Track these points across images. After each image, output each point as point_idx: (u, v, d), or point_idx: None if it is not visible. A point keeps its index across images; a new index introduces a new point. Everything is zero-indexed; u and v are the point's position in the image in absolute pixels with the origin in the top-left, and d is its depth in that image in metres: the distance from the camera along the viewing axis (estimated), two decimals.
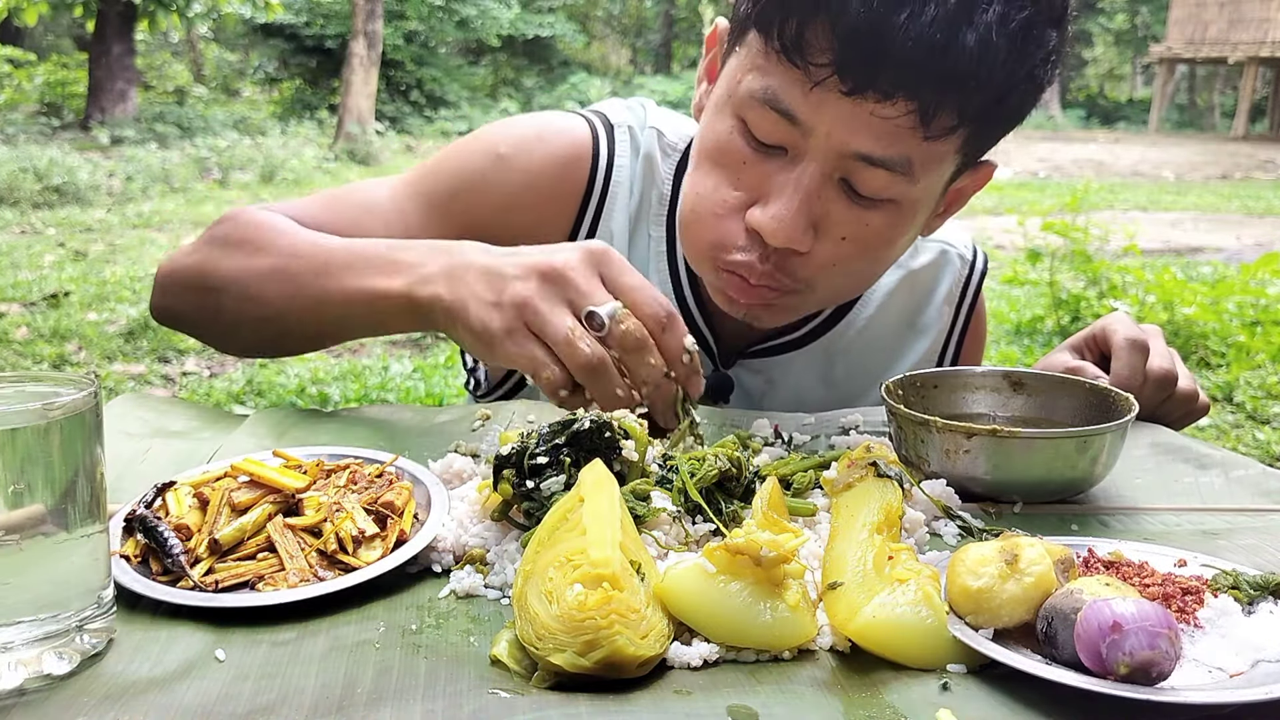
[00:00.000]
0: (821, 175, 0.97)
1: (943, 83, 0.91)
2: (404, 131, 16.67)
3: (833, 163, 0.97)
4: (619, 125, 1.24)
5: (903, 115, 0.92)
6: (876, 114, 0.93)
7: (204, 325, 1.16)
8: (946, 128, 0.94)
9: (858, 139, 0.94)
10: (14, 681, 0.60)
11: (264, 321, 1.08)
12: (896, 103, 0.92)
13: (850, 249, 1.02)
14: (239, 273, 1.08)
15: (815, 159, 0.97)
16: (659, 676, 0.63)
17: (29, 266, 6.28)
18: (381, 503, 0.78)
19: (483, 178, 1.20)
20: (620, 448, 0.84)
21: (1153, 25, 26.23)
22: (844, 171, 0.98)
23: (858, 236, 1.01)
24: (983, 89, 0.93)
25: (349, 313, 1.03)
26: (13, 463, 0.60)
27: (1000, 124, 1.01)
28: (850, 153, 0.95)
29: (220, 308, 1.10)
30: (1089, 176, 12.81)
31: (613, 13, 28.34)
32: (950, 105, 0.93)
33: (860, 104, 0.92)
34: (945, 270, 1.34)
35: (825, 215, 0.99)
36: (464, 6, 19.43)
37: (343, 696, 0.59)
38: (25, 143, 11.49)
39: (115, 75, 14.63)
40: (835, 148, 0.95)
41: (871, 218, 1.00)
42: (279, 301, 1.06)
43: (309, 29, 18.53)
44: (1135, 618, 0.58)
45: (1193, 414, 1.16)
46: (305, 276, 1.04)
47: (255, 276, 1.07)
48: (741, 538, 0.66)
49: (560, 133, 1.23)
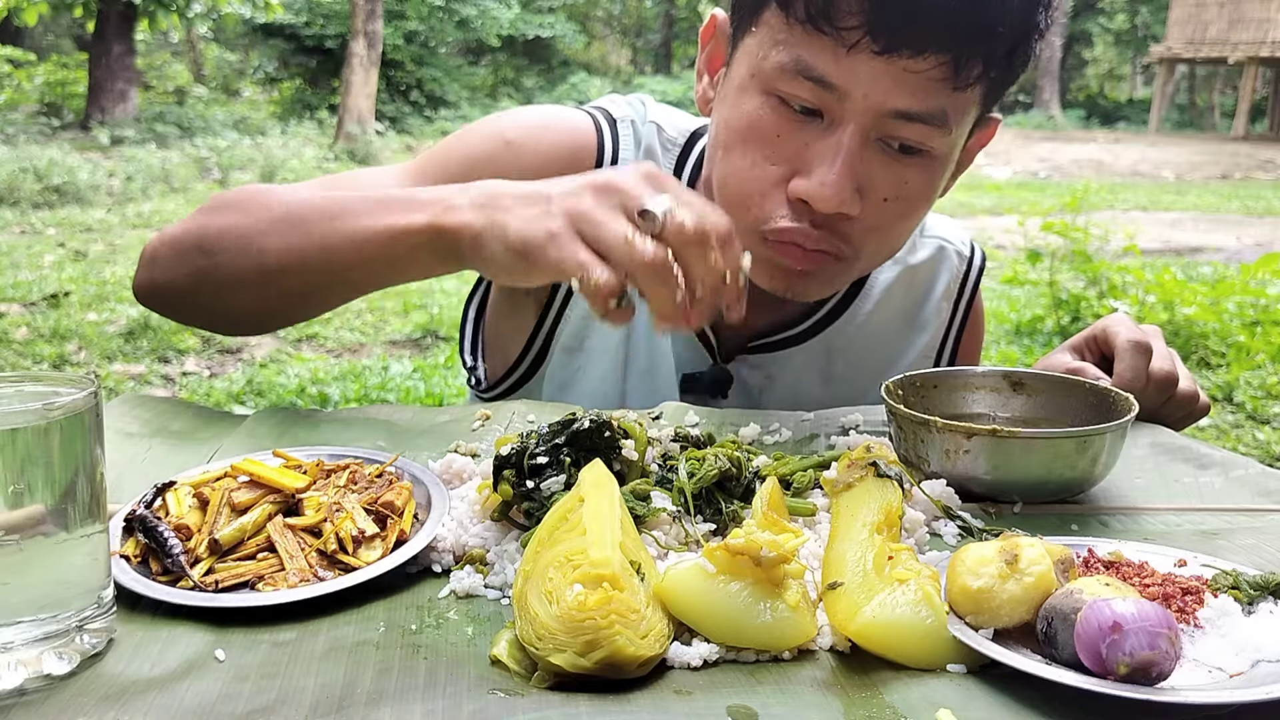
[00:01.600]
0: (861, 137, 0.99)
1: (973, 33, 0.95)
2: (404, 132, 16.67)
3: (871, 123, 0.98)
4: (621, 119, 1.24)
5: (934, 68, 0.96)
6: (910, 70, 0.95)
7: (194, 295, 1.07)
8: (974, 77, 0.98)
9: (894, 97, 0.96)
10: (14, 681, 0.60)
11: (263, 278, 1.01)
12: (928, 57, 0.95)
13: (892, 209, 1.04)
14: (237, 228, 1.02)
15: (854, 121, 0.98)
16: (659, 676, 0.63)
17: (29, 266, 6.28)
18: (381, 503, 0.78)
19: (491, 163, 1.18)
20: (620, 447, 0.84)
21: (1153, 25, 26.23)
22: (881, 131, 0.99)
23: (898, 195, 1.03)
24: (1005, 37, 0.97)
25: (361, 256, 0.97)
26: (13, 463, 0.60)
27: (1014, 73, 1.04)
28: (888, 110, 0.97)
29: (215, 269, 1.03)
30: (1089, 176, 12.82)
31: (613, 13, 28.34)
32: (979, 55, 0.96)
33: (893, 62, 0.95)
34: (943, 266, 1.34)
35: (867, 176, 1.01)
36: (464, 6, 19.43)
37: (343, 696, 0.59)
38: (25, 143, 11.49)
39: (115, 75, 14.62)
40: (873, 107, 0.97)
41: (910, 174, 1.02)
42: (281, 253, 1.00)
43: (309, 29, 18.52)
44: (1135, 618, 0.58)
45: (1193, 415, 1.16)
46: (311, 223, 0.99)
47: (255, 229, 1.01)
48: (741, 538, 0.66)
49: (566, 124, 1.23)
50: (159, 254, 1.09)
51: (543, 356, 1.27)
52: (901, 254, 1.31)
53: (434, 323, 5.39)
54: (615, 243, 0.83)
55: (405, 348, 5.18)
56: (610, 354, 1.25)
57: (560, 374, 1.26)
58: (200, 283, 1.05)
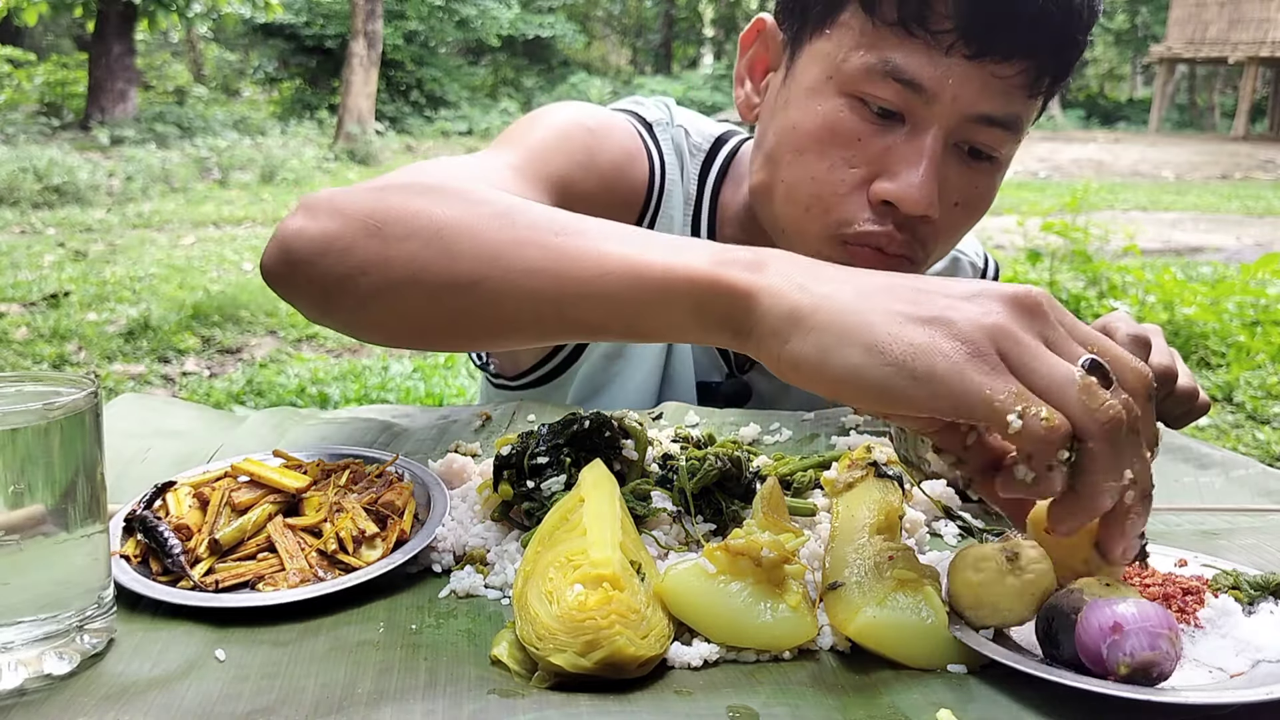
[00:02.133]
0: (944, 140, 0.99)
1: (1056, 42, 0.97)
2: (404, 131, 16.67)
3: (955, 127, 0.99)
4: (657, 124, 1.22)
5: (1017, 74, 0.97)
6: (996, 75, 0.96)
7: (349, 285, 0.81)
8: (1046, 85, 1.00)
9: (980, 100, 0.97)
10: (14, 681, 0.60)
11: (458, 291, 0.76)
12: (1015, 63, 0.96)
13: (961, 214, 1.04)
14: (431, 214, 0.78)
15: (940, 124, 0.98)
16: (659, 677, 0.63)
17: (29, 266, 6.28)
18: (381, 503, 0.78)
19: (586, 151, 1.12)
20: (620, 447, 0.84)
21: (1153, 25, 26.22)
22: (962, 135, 1.00)
23: (967, 200, 1.04)
24: (1077, 46, 0.99)
25: (598, 294, 0.72)
26: (13, 463, 0.60)
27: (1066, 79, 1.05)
28: (972, 114, 0.98)
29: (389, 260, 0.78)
30: (1089, 176, 12.81)
31: (613, 13, 28.34)
32: (1056, 63, 0.98)
33: (982, 66, 0.96)
34: (957, 276, 1.34)
35: (945, 180, 1.01)
36: (464, 6, 19.43)
37: (343, 696, 0.59)
38: (25, 143, 11.49)
39: (115, 75, 14.62)
40: (960, 111, 0.98)
41: (979, 179, 1.03)
42: (489, 266, 0.75)
43: (309, 29, 18.53)
44: (1136, 618, 0.58)
45: (1193, 412, 1.16)
46: (533, 237, 0.75)
47: (458, 229, 0.77)
48: (742, 538, 0.66)
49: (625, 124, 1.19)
50: (307, 231, 0.82)
51: (575, 357, 1.25)
52: None
53: None
54: (1067, 384, 0.59)
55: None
56: (651, 361, 1.24)
57: (597, 378, 1.25)
58: (362, 274, 0.80)
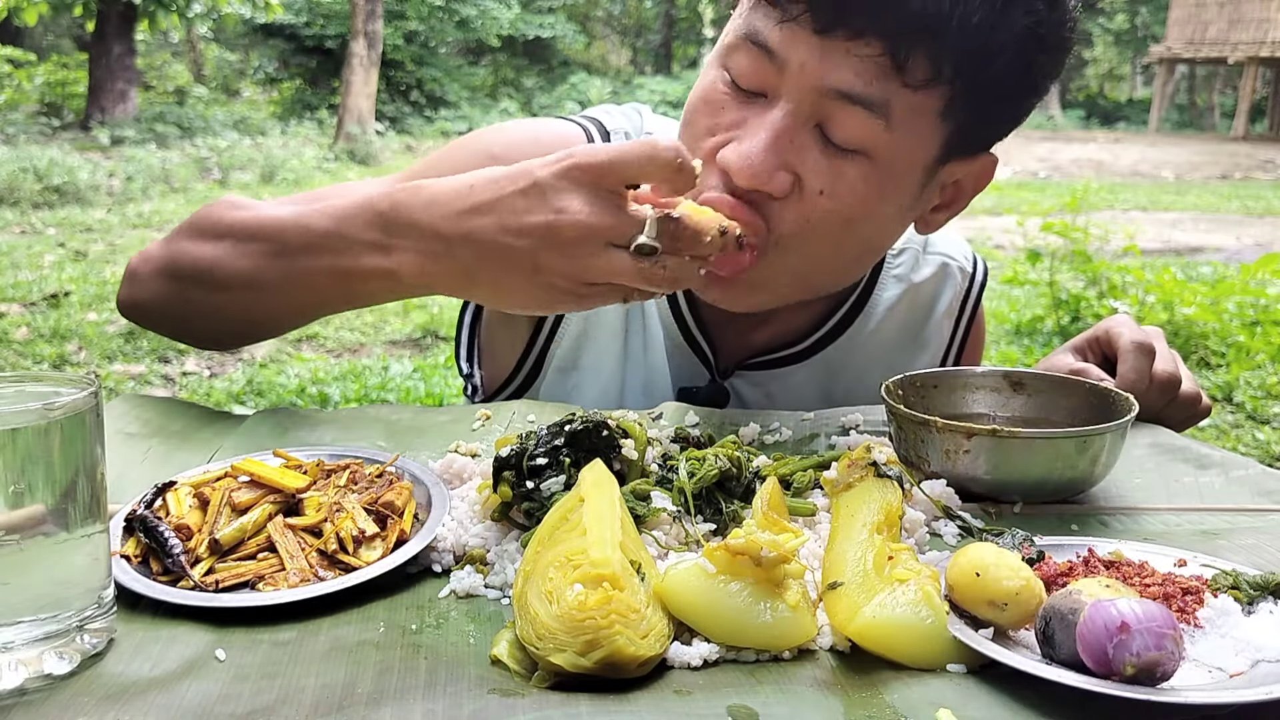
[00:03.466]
0: (795, 115, 0.97)
1: (911, 25, 0.92)
2: (404, 132, 16.68)
3: (808, 103, 0.97)
4: (615, 131, 1.23)
5: (878, 55, 0.94)
6: (852, 52, 0.94)
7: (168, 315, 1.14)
8: (924, 78, 0.95)
9: (830, 73, 0.95)
10: (14, 681, 0.60)
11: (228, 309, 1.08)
12: (869, 42, 0.94)
13: (826, 205, 0.99)
14: (204, 260, 1.07)
15: (790, 98, 0.97)
16: (659, 676, 0.63)
17: (29, 266, 6.28)
18: (381, 503, 0.78)
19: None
20: (620, 447, 0.84)
21: (1153, 25, 26.23)
22: (820, 115, 0.98)
23: (834, 191, 0.99)
24: (958, 40, 0.93)
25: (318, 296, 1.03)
26: (13, 463, 0.60)
27: (990, 97, 0.99)
28: (826, 88, 0.96)
29: (183, 296, 1.09)
30: (1089, 176, 12.81)
31: (613, 13, 28.35)
32: (922, 51, 0.93)
33: (832, 41, 0.94)
34: (946, 284, 1.34)
35: (800, 163, 0.98)
36: (464, 6, 19.43)
37: (343, 696, 0.59)
38: (25, 143, 11.49)
39: (115, 75, 14.62)
40: (810, 83, 0.96)
41: (848, 171, 0.99)
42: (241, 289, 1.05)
43: (309, 29, 18.53)
44: (1142, 618, 0.58)
45: (1195, 416, 1.16)
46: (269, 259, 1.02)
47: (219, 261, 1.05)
48: (741, 538, 0.66)
49: (555, 136, 1.21)
50: (139, 273, 1.14)
51: (536, 373, 1.26)
52: (905, 272, 1.30)
53: (434, 323, 5.39)
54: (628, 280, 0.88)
55: (405, 348, 5.18)
56: (606, 373, 1.24)
57: (555, 393, 1.25)
58: (170, 305, 1.12)
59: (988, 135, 1.05)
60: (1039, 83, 1.01)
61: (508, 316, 1.28)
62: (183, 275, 1.08)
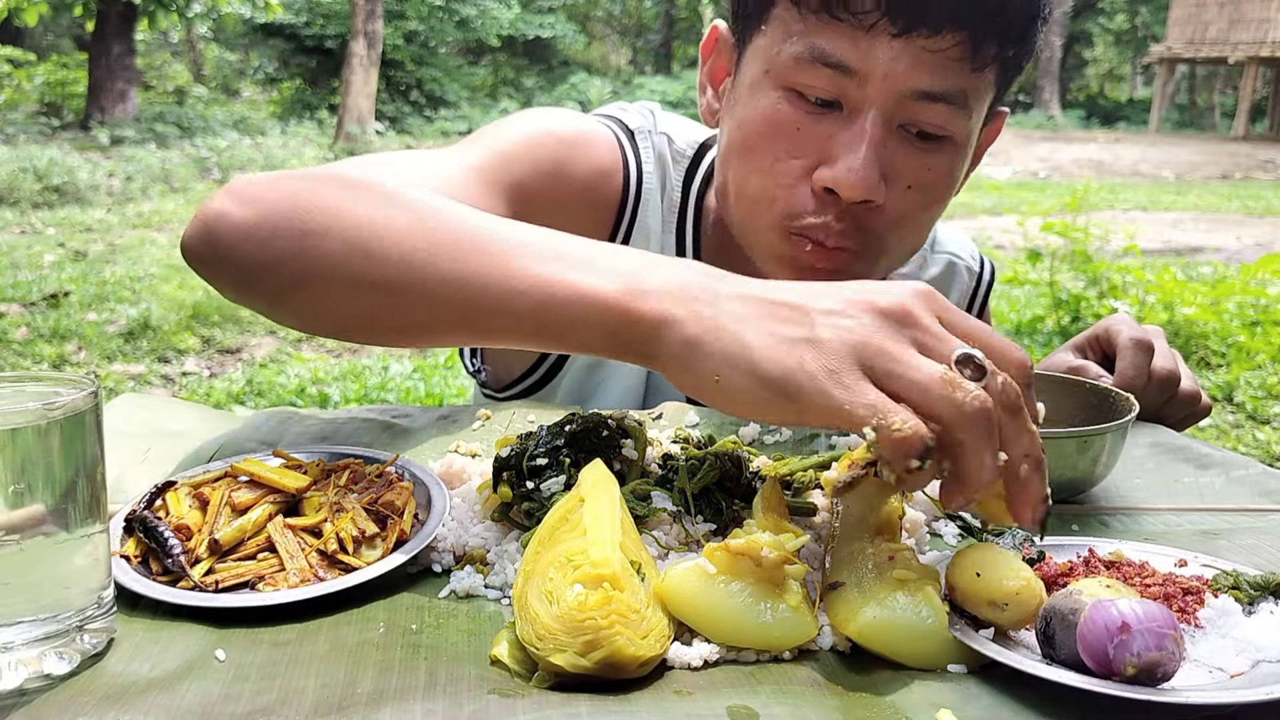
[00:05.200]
0: (884, 122, 0.98)
1: (988, 10, 0.95)
2: (404, 131, 16.67)
3: (893, 107, 0.98)
4: (639, 131, 1.22)
5: (952, 47, 0.96)
6: (928, 49, 0.95)
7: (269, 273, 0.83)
8: (989, 57, 0.98)
9: (914, 77, 0.96)
10: (14, 681, 0.60)
11: (376, 292, 0.79)
12: (945, 35, 0.95)
13: (916, 198, 1.02)
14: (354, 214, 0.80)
15: (876, 106, 0.97)
16: (659, 677, 0.63)
17: (29, 266, 6.27)
18: (381, 503, 0.78)
19: (555, 162, 1.11)
20: (620, 447, 0.84)
21: (1153, 25, 26.22)
22: (904, 116, 0.99)
23: (921, 183, 1.02)
24: (1019, 15, 0.98)
25: (510, 310, 0.75)
26: (13, 463, 0.60)
27: (1023, 57, 1.04)
28: (909, 92, 0.97)
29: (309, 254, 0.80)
30: (1089, 176, 12.81)
31: (613, 13, 28.34)
32: (994, 33, 0.96)
33: (911, 41, 0.95)
34: (954, 283, 1.34)
35: (890, 164, 1.00)
36: (464, 6, 19.42)
37: (343, 696, 0.59)
38: (25, 143, 11.49)
39: (115, 75, 14.62)
40: (894, 89, 0.97)
41: (933, 161, 1.02)
42: (408, 271, 0.78)
43: (309, 29, 18.52)
44: (1143, 618, 0.58)
45: (1195, 415, 1.16)
46: (453, 247, 0.77)
47: (379, 231, 0.79)
48: (742, 538, 0.66)
49: (603, 133, 1.19)
50: (232, 216, 0.84)
51: (558, 368, 1.25)
52: (912, 271, 1.31)
53: None
54: (930, 383, 0.63)
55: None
56: (634, 370, 1.23)
57: (580, 389, 1.24)
58: (282, 264, 0.82)
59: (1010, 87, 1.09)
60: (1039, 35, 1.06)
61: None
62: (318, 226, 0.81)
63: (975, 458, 0.63)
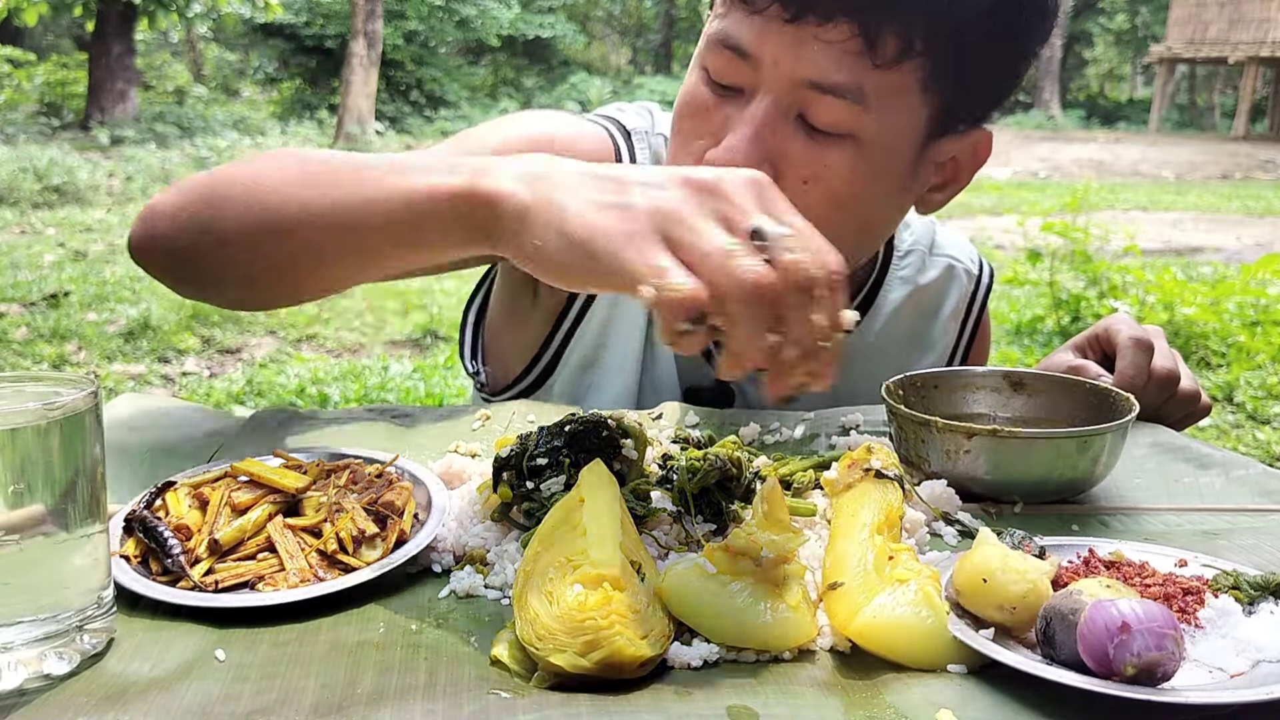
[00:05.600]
0: (774, 108, 0.97)
1: (882, 4, 0.92)
2: (404, 131, 16.67)
3: (786, 95, 0.97)
4: (635, 131, 1.23)
5: (848, 39, 0.93)
6: (820, 38, 0.94)
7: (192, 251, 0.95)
8: (895, 55, 0.94)
9: (805, 65, 0.95)
10: (14, 681, 0.60)
11: (268, 234, 0.88)
12: (839, 25, 0.93)
13: (814, 193, 0.98)
14: (247, 178, 0.91)
15: (768, 92, 0.97)
16: (659, 677, 0.63)
17: (29, 266, 6.28)
18: (381, 503, 0.78)
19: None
20: (620, 447, 0.84)
21: (1153, 25, 26.22)
22: (799, 105, 0.97)
23: (819, 178, 0.99)
24: (925, 12, 0.93)
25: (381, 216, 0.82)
26: (13, 463, 0.60)
27: (970, 69, 0.98)
28: (800, 80, 0.96)
29: (218, 221, 0.92)
30: (1089, 176, 12.81)
31: (613, 13, 28.34)
32: (894, 29, 0.93)
33: (803, 29, 0.94)
34: (952, 286, 1.33)
35: (783, 154, 0.98)
36: (464, 6, 19.42)
37: (343, 696, 0.59)
38: (25, 143, 11.49)
39: (115, 75, 14.62)
40: (785, 76, 0.96)
41: (830, 156, 0.98)
42: (291, 206, 0.87)
43: (309, 29, 18.52)
44: (1143, 619, 0.58)
45: (1195, 415, 1.16)
46: (330, 177, 0.86)
47: (267, 181, 0.89)
48: (742, 538, 0.66)
49: (593, 132, 1.20)
50: (161, 205, 0.98)
51: (551, 370, 1.25)
52: (911, 273, 1.30)
53: (434, 323, 5.39)
54: (712, 251, 0.66)
55: (405, 348, 5.18)
56: (627, 370, 1.23)
57: (571, 390, 1.24)
58: (200, 235, 0.94)
59: (976, 108, 1.04)
60: (1024, 49, 1.01)
61: (519, 317, 1.27)
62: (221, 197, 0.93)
63: (743, 328, 0.66)
